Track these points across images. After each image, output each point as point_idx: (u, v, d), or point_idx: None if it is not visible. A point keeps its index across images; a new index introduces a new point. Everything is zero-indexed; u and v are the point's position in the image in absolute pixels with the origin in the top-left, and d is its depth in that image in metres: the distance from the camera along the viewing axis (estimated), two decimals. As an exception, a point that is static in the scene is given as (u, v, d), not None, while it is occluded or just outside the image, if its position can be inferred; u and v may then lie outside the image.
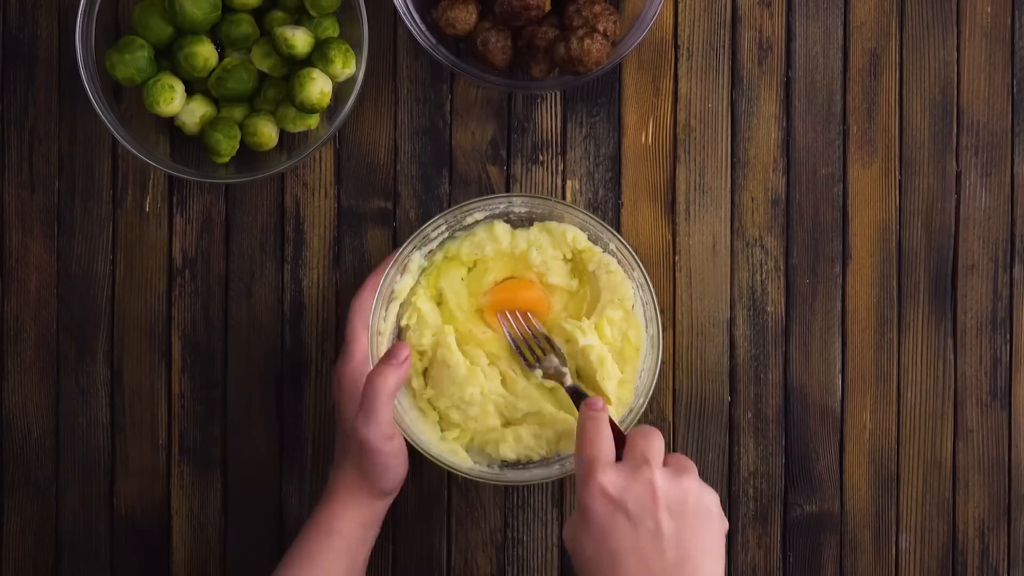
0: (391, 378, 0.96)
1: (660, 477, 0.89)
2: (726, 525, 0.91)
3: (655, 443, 0.91)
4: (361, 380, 1.00)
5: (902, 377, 1.11)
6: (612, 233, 1.02)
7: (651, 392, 1.02)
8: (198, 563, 1.11)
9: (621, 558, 0.87)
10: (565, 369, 1.01)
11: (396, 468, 0.99)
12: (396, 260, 1.01)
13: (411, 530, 1.10)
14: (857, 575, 1.11)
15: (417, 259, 1.04)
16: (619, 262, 1.04)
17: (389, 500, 1.02)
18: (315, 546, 1.00)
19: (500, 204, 1.03)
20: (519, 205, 1.04)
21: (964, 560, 1.11)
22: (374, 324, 1.01)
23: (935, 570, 1.11)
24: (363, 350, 1.02)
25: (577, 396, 1.00)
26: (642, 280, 1.03)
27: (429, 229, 1.02)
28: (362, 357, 1.02)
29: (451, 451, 1.04)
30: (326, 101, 1.04)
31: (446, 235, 1.04)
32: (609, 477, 0.89)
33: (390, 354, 0.98)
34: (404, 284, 1.04)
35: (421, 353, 1.04)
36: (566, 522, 0.92)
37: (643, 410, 1.03)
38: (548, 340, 1.03)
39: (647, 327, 1.04)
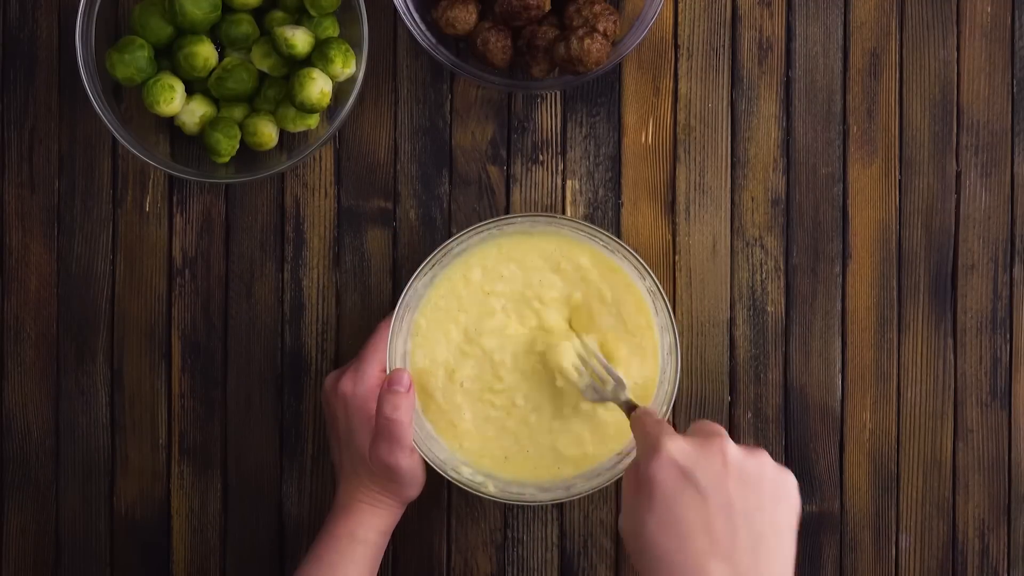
0: (406, 408, 0.99)
1: (732, 448, 0.82)
2: (799, 510, 0.84)
3: (721, 427, 0.86)
4: (369, 406, 1.01)
5: (902, 377, 1.11)
6: (619, 244, 1.03)
7: (672, 400, 1.03)
8: (198, 563, 1.11)
9: (690, 537, 0.80)
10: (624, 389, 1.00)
11: (419, 476, 1.02)
12: (404, 297, 1.02)
13: (411, 530, 1.10)
14: (857, 575, 1.11)
15: (425, 294, 1.04)
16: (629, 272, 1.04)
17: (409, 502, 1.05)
18: (336, 555, 1.01)
19: (490, 228, 1.03)
20: (508, 224, 1.04)
21: (964, 560, 1.11)
22: (392, 358, 1.02)
23: (935, 570, 1.11)
24: (376, 375, 1.02)
25: (630, 407, 0.98)
26: (654, 288, 1.03)
27: (428, 266, 1.03)
28: (375, 382, 1.02)
29: (461, 463, 1.04)
30: (326, 101, 1.04)
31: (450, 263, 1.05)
32: (678, 446, 0.82)
33: (393, 382, 0.99)
34: (415, 316, 1.04)
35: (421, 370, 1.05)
36: (624, 505, 0.85)
37: (667, 418, 1.04)
38: (608, 369, 1.02)
39: (662, 335, 1.04)
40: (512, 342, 1.04)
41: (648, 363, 1.05)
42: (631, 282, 1.04)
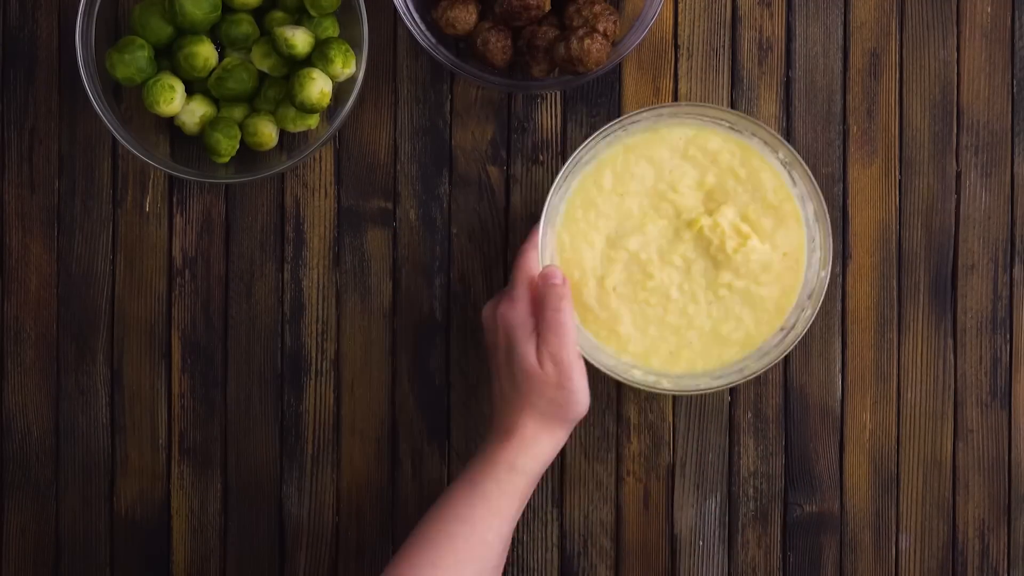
0: (568, 303, 1.00)
1: None
2: None
3: None
4: (529, 321, 1.00)
5: (902, 377, 1.11)
6: (749, 121, 1.04)
7: (829, 264, 1.03)
8: (198, 563, 1.11)
9: None
10: None
11: (586, 388, 1.01)
12: (544, 215, 1.02)
13: (412, 529, 1.10)
14: (857, 575, 1.11)
15: (562, 209, 1.05)
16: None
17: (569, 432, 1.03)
18: (492, 483, 0.99)
19: (615, 129, 1.03)
20: (632, 122, 1.04)
21: (964, 560, 1.11)
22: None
23: (935, 570, 1.11)
24: (529, 298, 1.01)
25: None
26: (789, 159, 1.04)
27: (561, 179, 1.03)
28: (527, 302, 1.01)
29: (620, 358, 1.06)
30: (326, 101, 1.04)
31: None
32: None
33: (548, 276, 1.00)
34: (557, 231, 1.05)
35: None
36: None
37: (811, 320, 1.04)
38: None
39: (804, 204, 1.05)
40: (655, 238, 1.05)
41: (793, 232, 1.05)
42: (763, 157, 1.05)
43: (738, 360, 1.05)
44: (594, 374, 1.02)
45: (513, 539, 1.10)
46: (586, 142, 1.02)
